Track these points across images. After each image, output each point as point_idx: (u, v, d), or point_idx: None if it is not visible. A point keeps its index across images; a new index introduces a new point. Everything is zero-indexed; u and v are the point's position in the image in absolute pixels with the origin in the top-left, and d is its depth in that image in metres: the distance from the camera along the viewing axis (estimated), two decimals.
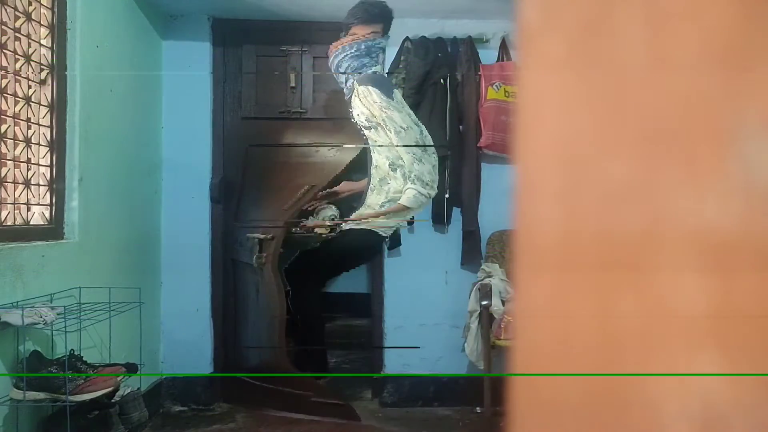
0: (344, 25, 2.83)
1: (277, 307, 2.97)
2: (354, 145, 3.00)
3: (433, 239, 3.30)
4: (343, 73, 2.82)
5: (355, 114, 2.82)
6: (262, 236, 3.05)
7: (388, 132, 2.71)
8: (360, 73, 2.78)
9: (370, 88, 2.71)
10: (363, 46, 2.77)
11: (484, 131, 3.19)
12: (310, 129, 3.30)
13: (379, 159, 2.81)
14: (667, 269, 0.32)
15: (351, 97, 2.82)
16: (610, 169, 0.34)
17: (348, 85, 2.83)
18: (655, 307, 0.32)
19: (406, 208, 2.75)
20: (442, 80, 3.22)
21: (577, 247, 0.36)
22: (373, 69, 2.81)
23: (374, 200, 2.82)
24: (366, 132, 2.83)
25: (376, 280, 3.36)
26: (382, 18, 2.82)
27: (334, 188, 3.11)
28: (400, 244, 3.28)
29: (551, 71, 0.38)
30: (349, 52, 2.78)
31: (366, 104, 2.73)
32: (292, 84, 3.31)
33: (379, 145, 2.78)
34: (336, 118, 3.20)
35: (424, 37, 3.26)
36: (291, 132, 3.31)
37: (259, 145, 3.23)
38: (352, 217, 2.89)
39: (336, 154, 3.19)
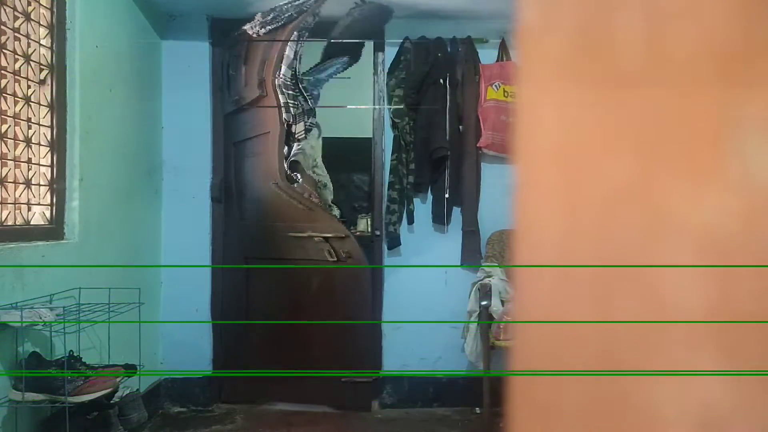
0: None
1: None
2: None
3: (433, 239, 3.30)
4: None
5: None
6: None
7: None
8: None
9: None
10: None
11: (484, 131, 3.19)
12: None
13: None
14: (666, 269, 0.32)
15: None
16: (609, 168, 0.34)
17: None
18: (654, 307, 0.32)
19: None
20: (441, 80, 3.23)
21: (577, 247, 0.36)
22: None
23: None
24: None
25: (375, 280, 3.36)
26: None
27: None
28: (399, 244, 3.28)
29: (551, 71, 0.38)
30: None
31: None
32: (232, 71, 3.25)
33: None
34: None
35: (423, 37, 3.26)
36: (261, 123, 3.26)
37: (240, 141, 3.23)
38: None
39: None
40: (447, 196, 3.23)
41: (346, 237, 3.02)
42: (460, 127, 3.26)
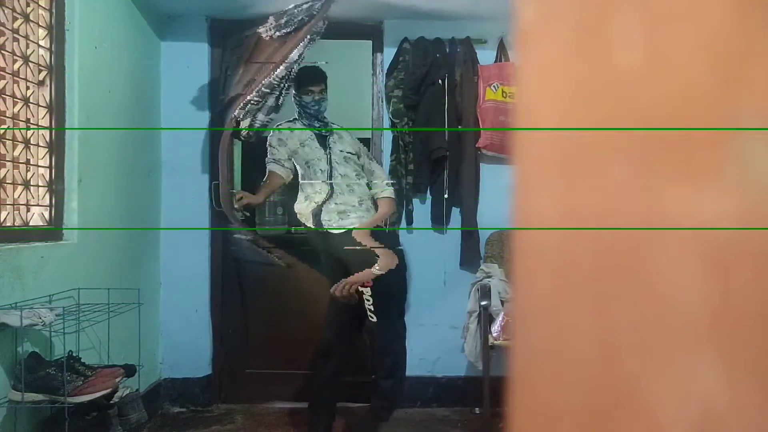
0: None
1: None
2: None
3: (432, 239, 3.30)
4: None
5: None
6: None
7: None
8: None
9: None
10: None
11: (483, 131, 3.19)
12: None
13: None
14: (665, 270, 0.32)
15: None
16: (607, 169, 0.34)
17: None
18: (653, 307, 0.32)
19: None
20: (440, 81, 3.23)
21: (576, 248, 0.36)
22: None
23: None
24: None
25: None
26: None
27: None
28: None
29: (549, 72, 0.38)
30: None
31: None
32: None
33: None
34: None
35: (422, 37, 3.26)
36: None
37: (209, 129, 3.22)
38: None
39: None
40: (446, 196, 3.23)
41: None
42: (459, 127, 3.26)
